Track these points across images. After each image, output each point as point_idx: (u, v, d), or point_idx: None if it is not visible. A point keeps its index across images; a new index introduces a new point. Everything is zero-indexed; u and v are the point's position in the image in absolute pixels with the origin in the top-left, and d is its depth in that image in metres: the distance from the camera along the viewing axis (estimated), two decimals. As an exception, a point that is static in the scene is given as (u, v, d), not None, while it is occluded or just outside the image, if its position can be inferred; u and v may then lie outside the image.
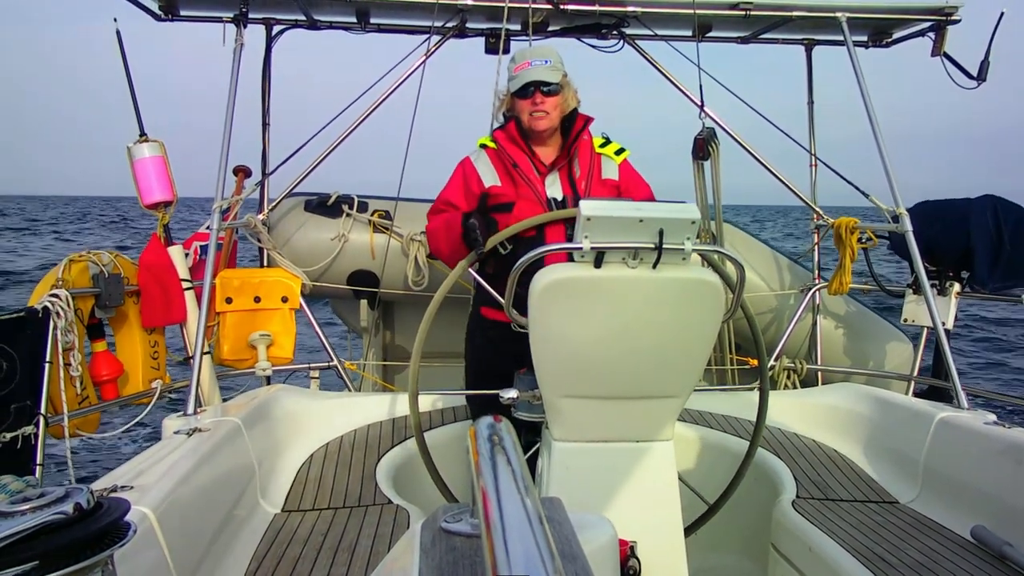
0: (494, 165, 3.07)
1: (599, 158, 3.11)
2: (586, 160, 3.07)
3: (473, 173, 3.07)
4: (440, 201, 3.13)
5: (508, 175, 3.04)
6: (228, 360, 4.23)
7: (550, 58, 3.01)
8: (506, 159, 3.04)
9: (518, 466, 0.87)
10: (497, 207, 3.02)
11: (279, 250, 4.56)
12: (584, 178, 3.04)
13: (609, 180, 3.09)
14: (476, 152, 3.14)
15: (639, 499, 2.53)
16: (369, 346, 5.18)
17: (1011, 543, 2.47)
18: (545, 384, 2.46)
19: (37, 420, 3.02)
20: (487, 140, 3.14)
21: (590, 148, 3.10)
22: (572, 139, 3.05)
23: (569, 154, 3.06)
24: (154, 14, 4.19)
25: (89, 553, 1.03)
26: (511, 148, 3.05)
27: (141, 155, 3.87)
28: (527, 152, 3.05)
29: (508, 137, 3.07)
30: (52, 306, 3.18)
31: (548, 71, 2.96)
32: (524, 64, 2.99)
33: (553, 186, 3.03)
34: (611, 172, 3.10)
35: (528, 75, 2.95)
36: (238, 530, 2.55)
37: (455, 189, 3.11)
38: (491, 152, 3.10)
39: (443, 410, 3.70)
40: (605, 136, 3.18)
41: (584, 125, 3.09)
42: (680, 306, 2.34)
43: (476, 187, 3.05)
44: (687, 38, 4.59)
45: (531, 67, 2.97)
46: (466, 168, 3.11)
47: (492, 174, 3.06)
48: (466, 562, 1.00)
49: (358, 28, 4.50)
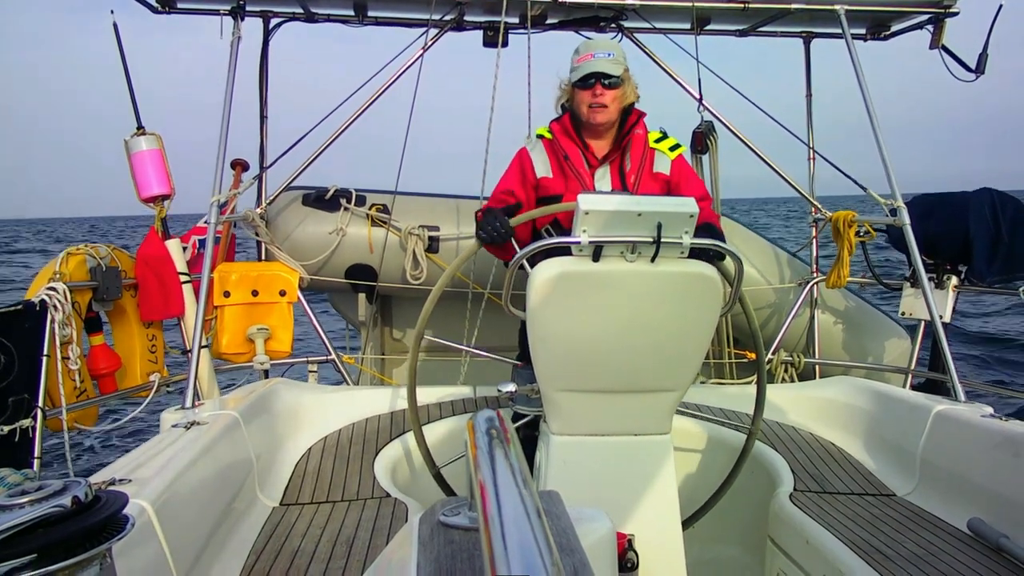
0: (548, 156, 3.09)
1: (652, 153, 3.10)
2: (638, 154, 3.07)
3: (528, 162, 3.10)
4: (498, 191, 3.16)
5: (559, 167, 3.06)
6: (226, 354, 4.23)
7: (613, 51, 3.00)
8: (559, 151, 3.06)
9: (516, 460, 0.87)
10: (546, 198, 3.04)
11: (277, 244, 4.55)
12: (635, 172, 3.04)
13: (660, 174, 3.08)
14: (533, 141, 3.17)
15: (637, 492, 2.54)
16: (367, 340, 5.18)
17: (1008, 535, 2.47)
18: (543, 378, 2.46)
19: (35, 413, 3.02)
20: (544, 131, 3.15)
21: (644, 142, 3.10)
22: (625, 133, 3.05)
23: (622, 148, 3.06)
24: (151, 7, 4.17)
25: (87, 546, 1.03)
26: (564, 140, 3.07)
27: (138, 148, 3.85)
28: (580, 145, 3.06)
29: (562, 129, 3.08)
30: (49, 299, 3.17)
31: (610, 63, 2.95)
32: (587, 56, 2.98)
33: (603, 179, 3.04)
34: (663, 167, 3.10)
35: (590, 66, 2.95)
36: (236, 523, 2.55)
37: (512, 178, 3.13)
38: (547, 143, 3.12)
39: (441, 404, 3.70)
40: (663, 131, 3.18)
41: (638, 119, 3.09)
42: (678, 300, 2.34)
43: (531, 176, 3.08)
44: (685, 31, 4.57)
45: (594, 59, 2.96)
46: (523, 158, 3.14)
47: (545, 165, 3.08)
48: (464, 555, 1.00)
49: (356, 21, 4.49)
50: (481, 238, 2.73)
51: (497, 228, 2.68)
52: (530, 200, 3.10)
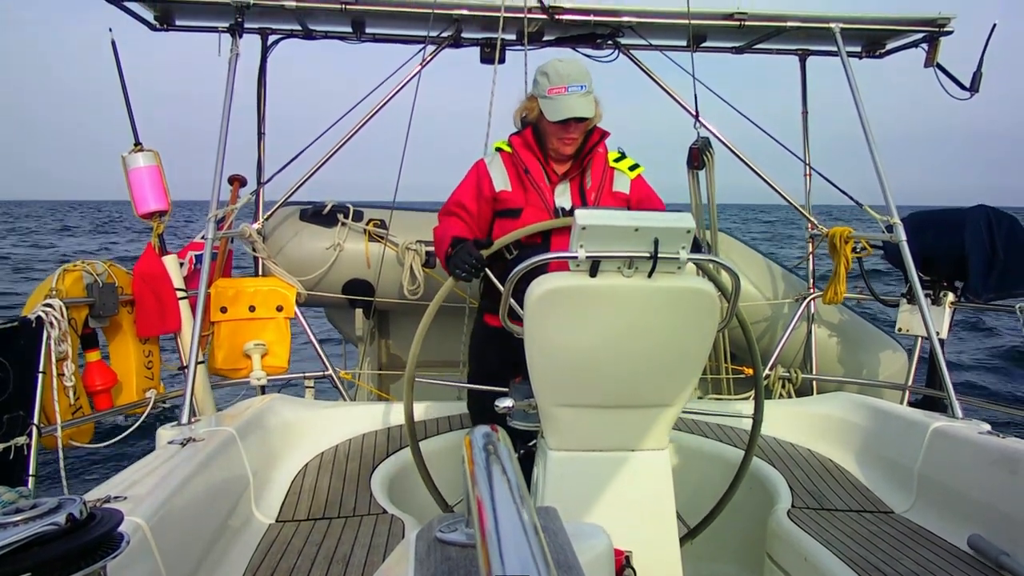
0: (507, 169, 3.07)
1: (612, 172, 3.10)
2: (599, 172, 3.07)
3: (486, 176, 3.07)
4: (451, 202, 3.13)
5: (519, 181, 3.04)
6: (223, 370, 4.22)
7: (585, 83, 2.92)
8: (519, 164, 3.05)
9: (513, 475, 0.87)
10: (505, 212, 3.03)
11: (274, 259, 4.55)
12: (595, 190, 3.04)
13: (620, 193, 3.08)
14: (491, 155, 3.14)
15: (634, 508, 2.53)
16: (364, 355, 5.18)
17: (1008, 552, 2.47)
18: (540, 393, 2.45)
19: (30, 430, 3.01)
20: (503, 144, 3.13)
21: (604, 161, 3.10)
22: (587, 151, 3.05)
23: (582, 165, 3.06)
24: (150, 24, 4.20)
25: (82, 564, 1.02)
26: (525, 154, 3.05)
27: (136, 164, 3.87)
28: (540, 160, 3.05)
29: (524, 143, 3.07)
30: (46, 316, 3.17)
31: (587, 103, 2.90)
32: (561, 89, 2.89)
33: (563, 195, 3.03)
34: (623, 186, 3.10)
35: (567, 107, 2.87)
36: (232, 540, 2.54)
37: (467, 191, 3.10)
38: (505, 156, 3.10)
39: (438, 419, 3.69)
40: (621, 151, 3.18)
41: (600, 139, 3.08)
42: (675, 315, 2.34)
43: (487, 190, 3.05)
44: (682, 48, 4.61)
45: (568, 94, 2.88)
46: (480, 170, 3.11)
47: (504, 178, 3.05)
48: (461, 572, 0.99)
49: (353, 38, 4.51)
50: (459, 276, 2.72)
51: (472, 263, 2.68)
52: (483, 214, 3.08)
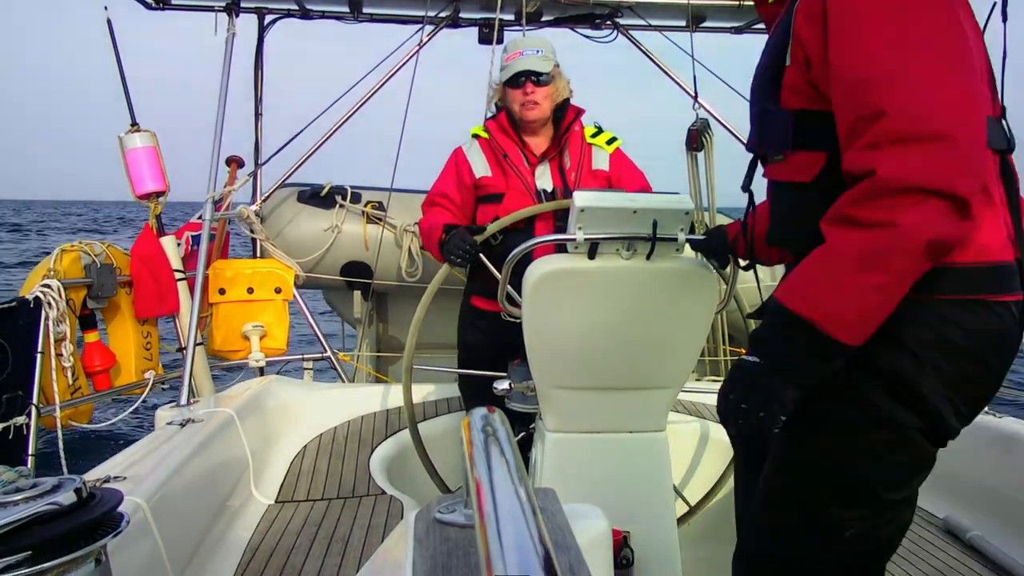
0: (486, 155, 3.06)
1: (590, 148, 3.09)
2: (577, 151, 3.06)
3: (465, 163, 3.07)
4: (433, 193, 3.13)
5: (499, 165, 3.04)
6: (221, 351, 4.22)
7: (542, 48, 2.99)
8: (497, 149, 3.04)
9: (512, 457, 0.87)
10: (487, 197, 3.02)
11: (272, 241, 4.54)
12: (574, 169, 3.03)
13: (600, 171, 3.07)
14: (469, 142, 3.13)
15: (632, 489, 2.54)
16: (363, 337, 5.18)
17: (980, 532, 2.50)
18: (539, 375, 2.46)
19: (29, 410, 3.02)
20: (480, 130, 3.13)
21: (581, 139, 3.09)
22: (563, 130, 3.04)
23: (560, 145, 3.05)
24: (145, 3, 4.16)
25: (82, 543, 1.03)
26: (502, 138, 3.04)
27: (133, 145, 3.85)
28: (518, 143, 3.04)
29: (499, 127, 3.06)
30: (44, 296, 3.17)
31: (539, 60, 2.94)
32: (516, 54, 2.97)
33: (543, 177, 3.03)
34: (602, 162, 3.09)
35: (519, 64, 2.94)
36: (231, 521, 2.55)
37: (448, 180, 3.10)
38: (483, 142, 3.09)
39: (436, 401, 3.70)
40: (597, 126, 3.17)
41: (576, 116, 3.07)
42: (674, 297, 2.34)
43: (468, 177, 3.05)
44: (681, 28, 4.58)
45: (522, 56, 2.95)
46: (458, 158, 3.10)
47: (483, 164, 3.05)
48: (460, 552, 1.00)
49: (350, 17, 4.48)
50: (455, 263, 2.73)
51: (467, 249, 2.69)
52: (465, 202, 3.08)
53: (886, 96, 1.25)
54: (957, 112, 1.23)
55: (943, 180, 1.21)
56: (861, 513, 1.48)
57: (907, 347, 1.38)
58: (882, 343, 1.37)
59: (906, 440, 1.44)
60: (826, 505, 1.50)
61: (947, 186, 1.21)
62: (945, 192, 1.21)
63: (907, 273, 1.29)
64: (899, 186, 1.23)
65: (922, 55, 1.26)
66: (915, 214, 1.23)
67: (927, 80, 1.25)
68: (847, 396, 1.44)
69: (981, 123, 1.27)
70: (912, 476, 1.53)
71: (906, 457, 1.48)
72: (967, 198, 1.22)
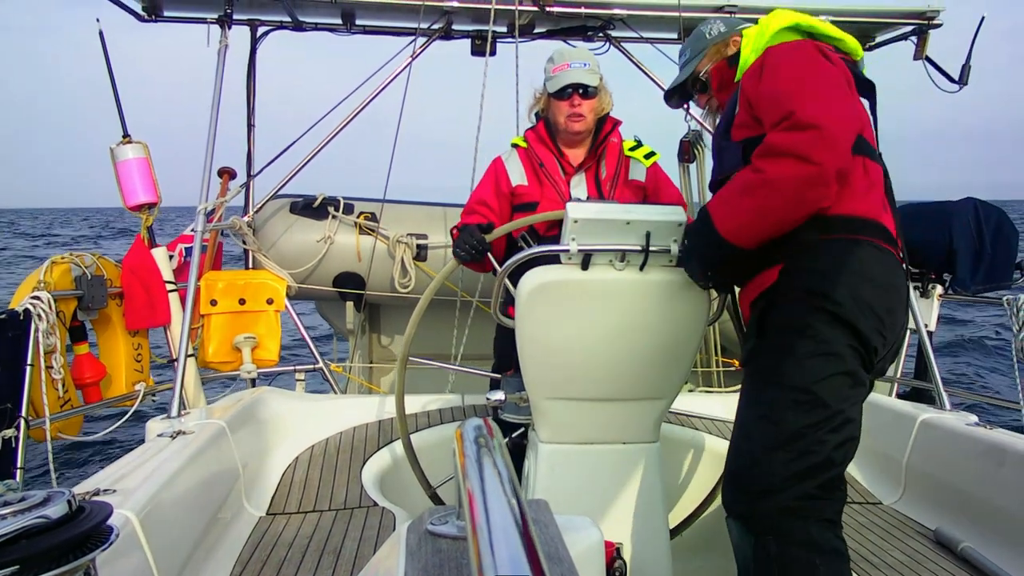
0: (523, 164, 3.10)
1: (628, 160, 3.12)
2: (614, 162, 3.09)
3: (503, 172, 3.10)
4: (472, 200, 3.15)
5: (535, 175, 3.07)
6: (213, 362, 4.20)
7: (589, 61, 3.02)
8: (534, 159, 3.07)
9: (504, 468, 0.87)
10: (522, 206, 3.05)
11: (264, 252, 4.54)
12: (610, 179, 3.06)
13: (635, 182, 3.10)
14: (508, 152, 3.18)
15: (625, 501, 2.54)
16: (355, 348, 5.17)
17: (971, 543, 2.51)
18: (532, 386, 2.46)
19: (18, 423, 2.99)
20: (519, 140, 3.17)
21: (619, 150, 3.12)
22: (600, 141, 3.07)
23: (597, 155, 3.08)
24: (137, 15, 4.16)
25: (71, 557, 1.02)
26: (539, 148, 3.08)
27: (124, 156, 3.84)
28: (555, 153, 3.08)
29: (537, 137, 3.10)
30: (34, 308, 3.15)
31: (587, 74, 2.97)
32: (563, 65, 2.99)
33: (579, 187, 3.05)
34: (639, 174, 3.11)
35: (568, 77, 2.96)
36: (222, 534, 2.53)
37: (487, 188, 3.14)
38: (521, 152, 3.13)
39: (429, 412, 3.69)
40: (637, 139, 3.20)
41: (613, 127, 3.11)
42: (666, 308, 2.35)
43: (505, 186, 3.09)
44: (673, 40, 4.60)
45: (570, 69, 2.97)
46: (497, 167, 3.14)
47: (520, 173, 3.09)
48: (452, 564, 0.99)
49: (343, 29, 4.48)
50: (460, 256, 2.72)
51: (474, 245, 2.66)
52: (503, 210, 3.10)
53: (796, 103, 1.83)
54: (829, 116, 1.81)
55: (804, 149, 1.79)
56: (814, 420, 1.90)
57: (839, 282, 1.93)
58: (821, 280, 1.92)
59: (841, 355, 1.92)
60: (784, 411, 1.93)
61: (805, 154, 1.79)
62: (801, 156, 1.79)
63: (770, 208, 1.88)
64: (775, 150, 1.83)
65: (819, 86, 1.91)
66: (775, 166, 1.83)
67: (821, 99, 1.86)
68: (799, 328, 1.94)
69: (846, 126, 1.84)
70: (850, 389, 1.97)
71: (843, 367, 1.93)
72: (822, 164, 1.78)
